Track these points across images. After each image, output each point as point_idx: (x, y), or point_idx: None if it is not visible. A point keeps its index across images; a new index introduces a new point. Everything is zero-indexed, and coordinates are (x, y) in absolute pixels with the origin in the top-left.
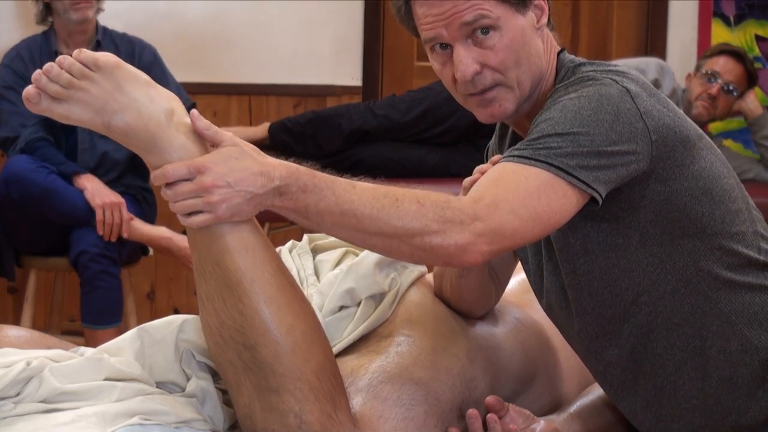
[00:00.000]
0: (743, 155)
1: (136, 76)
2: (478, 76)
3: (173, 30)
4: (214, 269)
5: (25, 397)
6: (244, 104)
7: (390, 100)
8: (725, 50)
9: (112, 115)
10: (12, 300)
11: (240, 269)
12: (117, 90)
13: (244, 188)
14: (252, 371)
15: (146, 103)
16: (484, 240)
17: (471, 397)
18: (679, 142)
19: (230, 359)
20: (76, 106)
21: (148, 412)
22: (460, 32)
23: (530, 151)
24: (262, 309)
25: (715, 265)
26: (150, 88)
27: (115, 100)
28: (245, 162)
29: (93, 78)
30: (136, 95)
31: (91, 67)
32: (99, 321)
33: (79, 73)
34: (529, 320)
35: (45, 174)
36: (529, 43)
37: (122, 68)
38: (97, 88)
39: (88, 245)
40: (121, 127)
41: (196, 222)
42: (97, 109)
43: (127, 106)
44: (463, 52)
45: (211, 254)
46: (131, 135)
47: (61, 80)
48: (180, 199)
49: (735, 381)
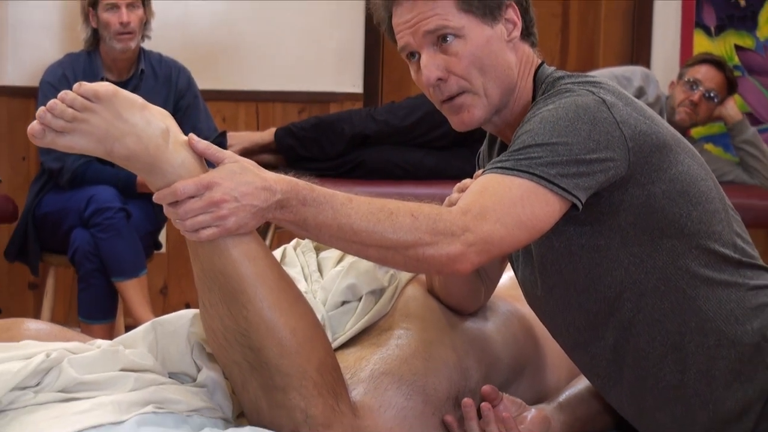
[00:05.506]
0: (723, 158)
1: (132, 101)
2: (444, 83)
3: (184, 39)
4: (218, 278)
5: (45, 386)
6: (252, 110)
7: (389, 107)
8: (706, 59)
9: (113, 143)
10: (32, 296)
11: (244, 278)
12: (116, 118)
13: (249, 202)
14: (257, 371)
15: (144, 126)
16: (474, 250)
17: (466, 387)
18: (655, 147)
19: (235, 360)
20: (79, 137)
21: (161, 401)
22: (425, 40)
23: (512, 162)
24: (267, 314)
25: (694, 263)
26: (145, 111)
27: (115, 127)
28: (248, 177)
29: (94, 109)
30: (134, 120)
31: (91, 98)
32: (92, 316)
33: (81, 106)
34: (519, 314)
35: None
36: (496, 53)
37: (119, 95)
38: (97, 118)
39: (83, 243)
40: (124, 153)
41: (206, 236)
42: (99, 138)
43: (127, 132)
44: (426, 58)
45: (215, 264)
46: (133, 159)
47: (65, 115)
48: (190, 217)
49: (712, 374)
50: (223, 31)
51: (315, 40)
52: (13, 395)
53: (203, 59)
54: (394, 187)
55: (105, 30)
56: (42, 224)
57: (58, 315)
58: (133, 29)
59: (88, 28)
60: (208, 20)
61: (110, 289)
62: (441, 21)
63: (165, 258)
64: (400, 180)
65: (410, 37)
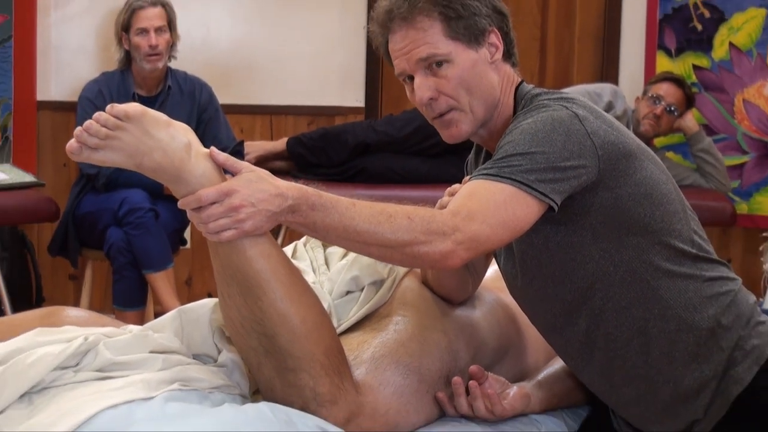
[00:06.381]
0: (682, 165)
1: (158, 119)
2: (435, 102)
3: (206, 60)
4: (236, 274)
5: (83, 366)
6: (266, 122)
7: (388, 119)
8: (668, 77)
9: (142, 157)
10: (73, 286)
11: (259, 273)
12: (144, 135)
13: (264, 207)
14: (271, 354)
15: (169, 141)
16: (463, 247)
17: (456, 367)
18: (622, 155)
19: (251, 345)
20: (112, 152)
21: (186, 379)
22: (418, 65)
23: (496, 170)
24: (279, 305)
25: (656, 257)
26: (170, 128)
27: (144, 143)
28: (263, 185)
29: (124, 127)
30: (160, 136)
31: (122, 118)
32: (125, 304)
33: (113, 125)
34: (502, 303)
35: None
36: (481, 74)
37: (147, 115)
38: (128, 135)
39: (117, 239)
40: (151, 166)
41: (226, 237)
42: (130, 153)
43: (155, 147)
44: (418, 81)
45: (233, 262)
46: (160, 171)
47: (99, 134)
48: (212, 220)
49: (673, 355)
50: (240, 53)
51: (322, 61)
52: (55, 374)
53: (223, 77)
54: (393, 190)
55: (136, 52)
56: (81, 223)
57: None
58: (160, 51)
59: (121, 50)
60: (228, 43)
61: (141, 280)
62: (431, 49)
63: (189, 253)
64: (397, 184)
65: (405, 63)
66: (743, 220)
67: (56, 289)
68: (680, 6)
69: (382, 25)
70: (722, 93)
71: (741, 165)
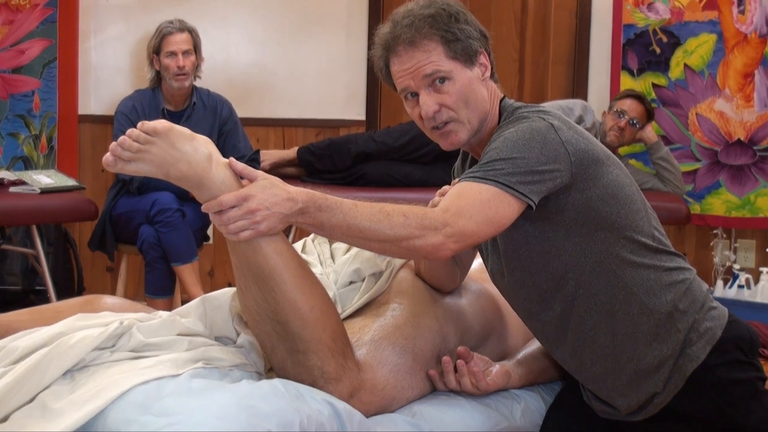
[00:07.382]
0: (643, 171)
1: (182, 133)
2: (438, 114)
3: (227, 79)
4: (252, 268)
5: (118, 347)
6: (279, 133)
7: (386, 130)
8: (630, 94)
9: (169, 167)
10: (110, 277)
11: (273, 268)
12: (171, 148)
13: (277, 210)
14: (284, 339)
15: (192, 153)
16: (452, 240)
17: (446, 348)
18: (591, 161)
19: (266, 330)
20: (142, 164)
21: (209, 358)
22: (422, 82)
23: (482, 173)
24: (290, 295)
25: (622, 250)
26: (193, 141)
27: (170, 155)
28: (276, 190)
29: (153, 142)
30: (184, 149)
31: (151, 134)
32: (156, 293)
33: (144, 140)
34: (486, 292)
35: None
36: (475, 90)
37: (173, 130)
38: (156, 148)
39: (149, 236)
40: (177, 175)
41: (243, 237)
42: (158, 165)
43: (180, 158)
44: (424, 97)
45: (249, 258)
46: (185, 179)
47: (132, 149)
48: (232, 222)
49: (636, 336)
50: (257, 73)
51: (328, 80)
52: (94, 354)
53: (242, 94)
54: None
55: (165, 72)
56: (117, 222)
57: (129, 292)
58: (187, 72)
59: (152, 70)
60: (246, 64)
61: (170, 272)
62: (436, 66)
63: (212, 248)
64: (394, 187)
65: (410, 81)
66: (696, 219)
67: (95, 280)
68: (641, 32)
69: (387, 47)
70: (678, 108)
71: (694, 171)
